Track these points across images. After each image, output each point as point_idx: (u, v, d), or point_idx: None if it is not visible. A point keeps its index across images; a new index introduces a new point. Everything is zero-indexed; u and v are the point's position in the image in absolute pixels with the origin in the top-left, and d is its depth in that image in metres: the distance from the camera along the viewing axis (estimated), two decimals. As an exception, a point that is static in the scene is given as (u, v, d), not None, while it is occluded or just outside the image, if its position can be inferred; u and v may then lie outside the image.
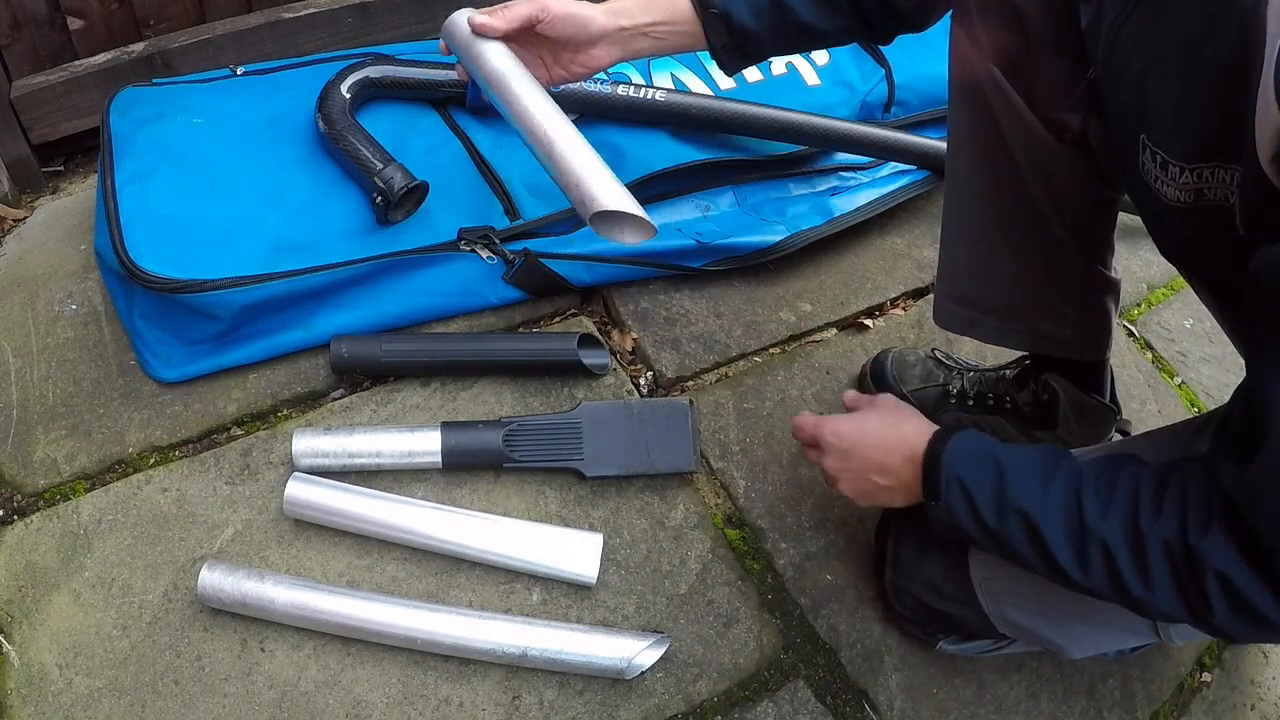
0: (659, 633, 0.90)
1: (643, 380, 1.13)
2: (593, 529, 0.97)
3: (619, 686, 0.88)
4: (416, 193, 1.09)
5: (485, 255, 1.10)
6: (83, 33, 1.24)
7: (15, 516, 0.94)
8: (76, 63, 1.24)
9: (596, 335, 1.14)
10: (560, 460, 0.99)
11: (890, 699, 0.92)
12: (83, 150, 1.35)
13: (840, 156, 1.35)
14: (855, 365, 1.18)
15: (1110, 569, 0.64)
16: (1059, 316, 0.97)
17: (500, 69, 0.90)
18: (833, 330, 1.24)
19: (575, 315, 1.18)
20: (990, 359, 1.20)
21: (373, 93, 1.20)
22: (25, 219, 1.25)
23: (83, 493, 0.96)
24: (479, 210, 1.14)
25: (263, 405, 1.04)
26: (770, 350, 1.20)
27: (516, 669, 0.88)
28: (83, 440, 0.99)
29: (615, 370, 1.12)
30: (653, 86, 1.23)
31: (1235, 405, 0.63)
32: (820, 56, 1.39)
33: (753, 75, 1.35)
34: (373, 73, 1.18)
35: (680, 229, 1.21)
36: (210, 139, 1.13)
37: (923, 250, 1.34)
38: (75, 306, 1.10)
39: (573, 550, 0.93)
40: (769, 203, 1.29)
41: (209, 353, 1.04)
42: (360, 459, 0.97)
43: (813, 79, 1.37)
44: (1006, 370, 1.10)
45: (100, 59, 1.25)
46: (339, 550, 0.93)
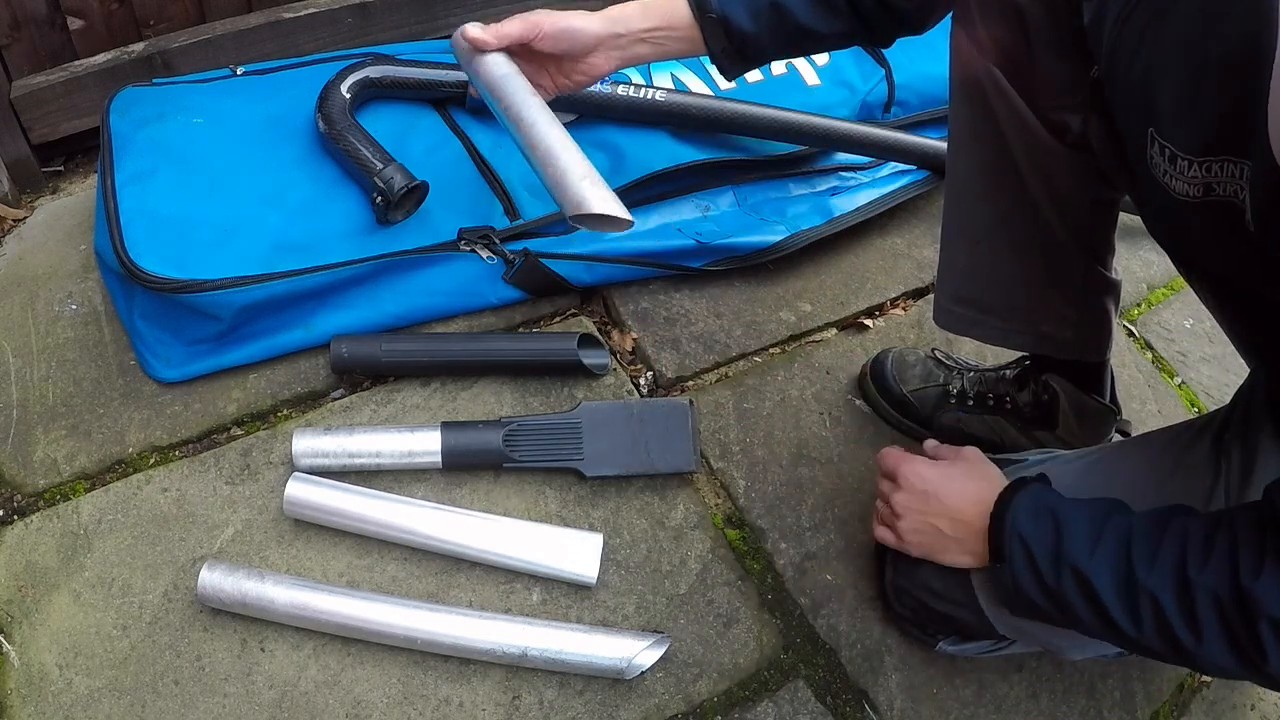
0: (659, 633, 0.90)
1: (643, 380, 1.13)
2: (593, 529, 0.98)
3: (619, 686, 0.89)
4: (416, 193, 1.09)
5: (485, 255, 1.10)
6: (83, 33, 1.24)
7: (15, 516, 0.94)
8: (76, 63, 1.24)
9: (596, 335, 1.14)
10: (560, 460, 0.99)
11: (890, 699, 0.92)
12: (83, 150, 1.35)
13: (840, 156, 1.35)
14: (855, 365, 1.18)
15: (1160, 622, 0.63)
16: (1060, 317, 0.97)
17: (495, 76, 0.92)
18: (833, 330, 1.24)
19: (575, 315, 1.18)
20: (990, 359, 1.20)
21: (373, 93, 1.20)
22: (25, 219, 1.25)
23: (83, 493, 0.96)
24: (479, 210, 1.14)
25: (263, 405, 1.04)
26: (770, 350, 1.20)
27: (516, 669, 0.88)
28: (83, 440, 0.99)
29: (615, 370, 1.12)
30: (653, 86, 1.23)
31: (1233, 411, 0.62)
32: (820, 57, 1.39)
33: (753, 75, 1.34)
34: (373, 73, 1.18)
35: (680, 229, 1.21)
36: (210, 139, 1.13)
37: (923, 250, 1.34)
38: (75, 306, 1.10)
39: (573, 550, 0.93)
40: (769, 203, 1.29)
41: (209, 353, 1.04)
42: (360, 459, 0.97)
43: (813, 79, 1.37)
44: (1006, 370, 1.10)
45: (100, 59, 1.24)
46: (339, 550, 0.93)
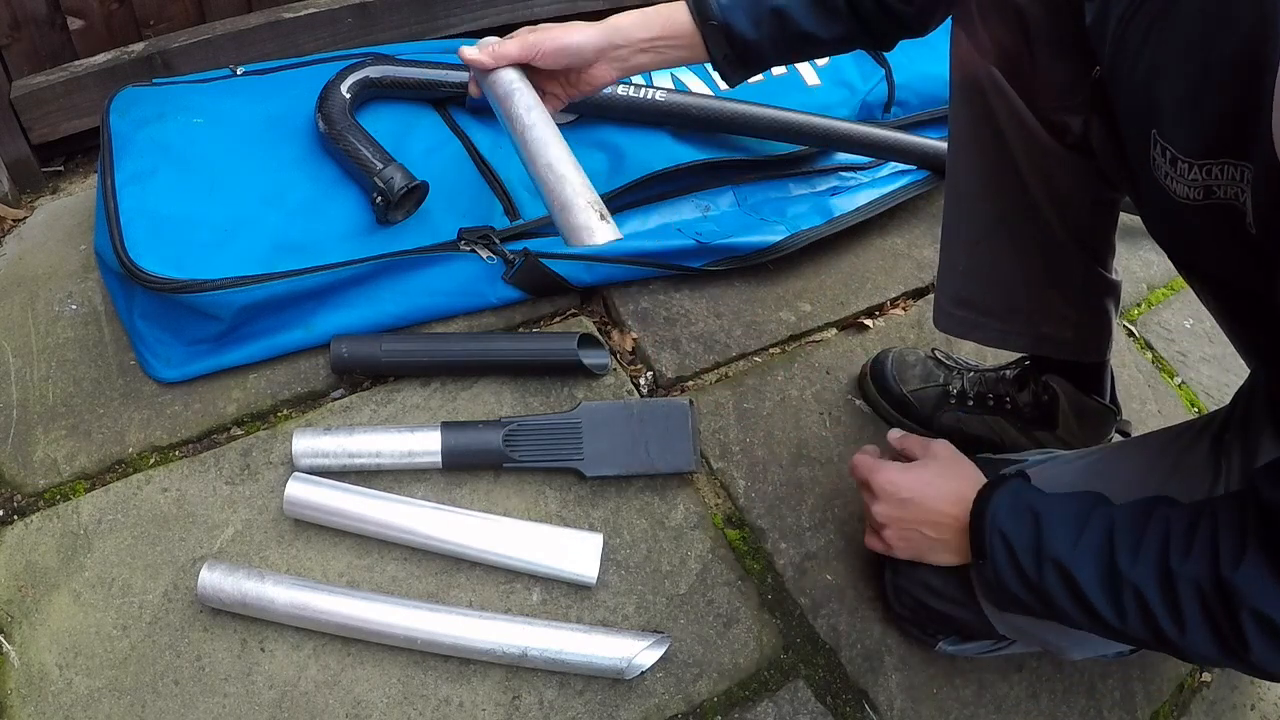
0: (659, 633, 0.90)
1: (643, 380, 1.13)
2: (593, 529, 0.98)
3: (619, 686, 0.89)
4: (416, 193, 1.09)
5: (485, 255, 1.10)
6: (83, 33, 1.24)
7: (15, 516, 0.94)
8: (76, 63, 1.24)
9: (596, 335, 1.14)
10: (560, 460, 0.99)
11: (890, 699, 0.92)
12: (83, 150, 1.35)
13: (840, 156, 1.35)
14: (855, 365, 1.18)
15: (1144, 613, 0.63)
16: (1060, 318, 0.97)
17: (500, 92, 0.93)
18: (833, 330, 1.24)
19: (575, 315, 1.18)
20: (990, 359, 1.20)
21: (373, 93, 1.20)
22: (25, 219, 1.25)
23: (83, 493, 0.96)
24: (479, 210, 1.14)
25: (263, 405, 1.04)
26: (770, 350, 1.20)
27: (516, 669, 0.88)
28: (83, 440, 0.99)
29: (615, 370, 1.12)
30: (653, 86, 1.23)
31: (1233, 411, 0.62)
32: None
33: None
34: (373, 73, 1.18)
35: (680, 229, 1.21)
36: (210, 139, 1.13)
37: (923, 250, 1.34)
38: (75, 306, 1.10)
39: (573, 550, 0.93)
40: (769, 203, 1.29)
41: (209, 353, 1.04)
42: (360, 459, 0.97)
43: (813, 79, 1.37)
44: (1006, 370, 1.10)
45: (100, 59, 1.24)
46: (339, 550, 0.93)
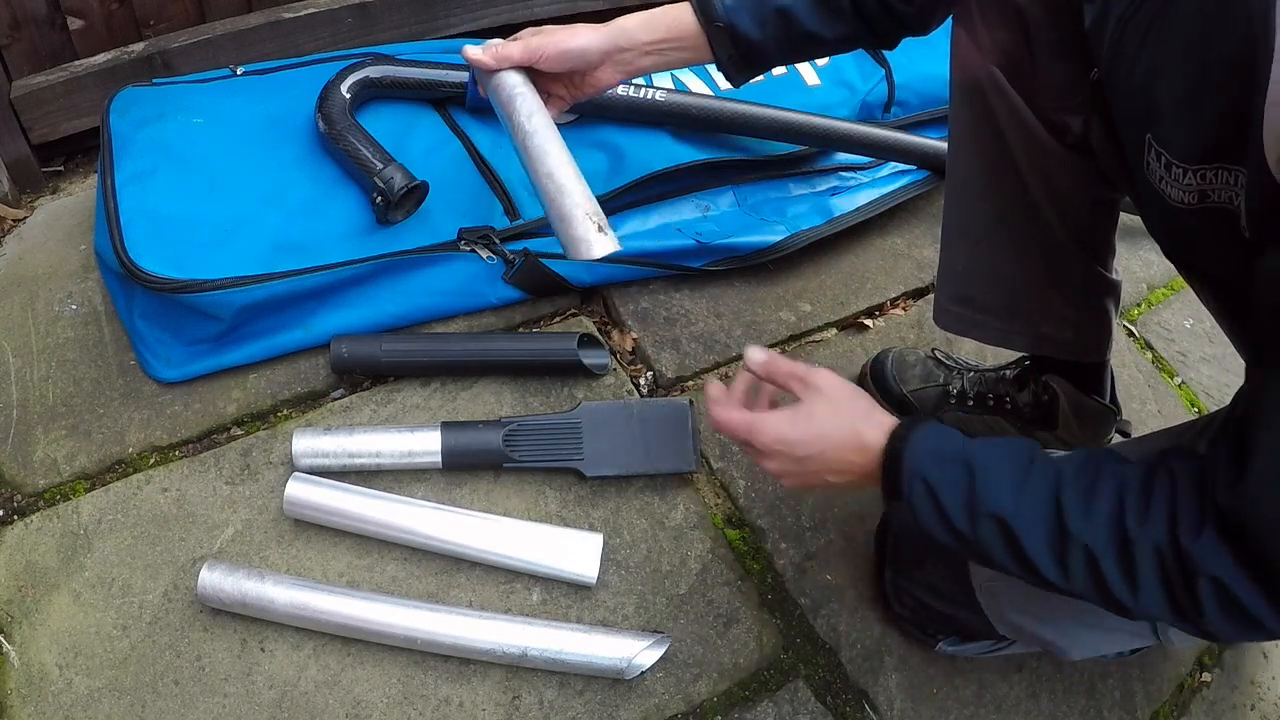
0: (659, 633, 0.90)
1: (643, 380, 1.13)
2: (593, 529, 0.97)
3: (619, 686, 0.89)
4: (416, 193, 1.09)
5: (485, 255, 1.10)
6: (83, 33, 1.24)
7: (15, 516, 0.94)
8: (76, 63, 1.24)
9: (596, 335, 1.14)
10: (560, 460, 0.99)
11: (890, 699, 0.92)
12: (83, 150, 1.35)
13: (840, 156, 1.35)
14: (855, 365, 1.18)
15: (1094, 573, 0.62)
16: (1060, 318, 0.97)
17: (503, 96, 0.92)
18: (833, 330, 1.24)
19: (575, 315, 1.18)
20: (990, 359, 1.20)
21: (373, 93, 1.20)
22: (25, 219, 1.25)
23: (83, 493, 0.96)
24: (479, 210, 1.14)
25: (263, 405, 1.04)
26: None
27: (516, 669, 0.88)
28: (83, 440, 0.99)
29: (615, 370, 1.12)
30: (653, 86, 1.23)
31: (1234, 411, 0.62)
32: (820, 57, 1.39)
33: (753, 75, 1.35)
34: (373, 73, 1.18)
35: (680, 229, 1.21)
36: (210, 139, 1.13)
37: (923, 250, 1.34)
38: (75, 306, 1.10)
39: (573, 550, 0.93)
40: (769, 203, 1.29)
41: (209, 353, 1.04)
42: (360, 459, 0.97)
43: (813, 79, 1.37)
44: (1006, 370, 1.10)
45: (100, 59, 1.24)
46: (339, 550, 0.93)
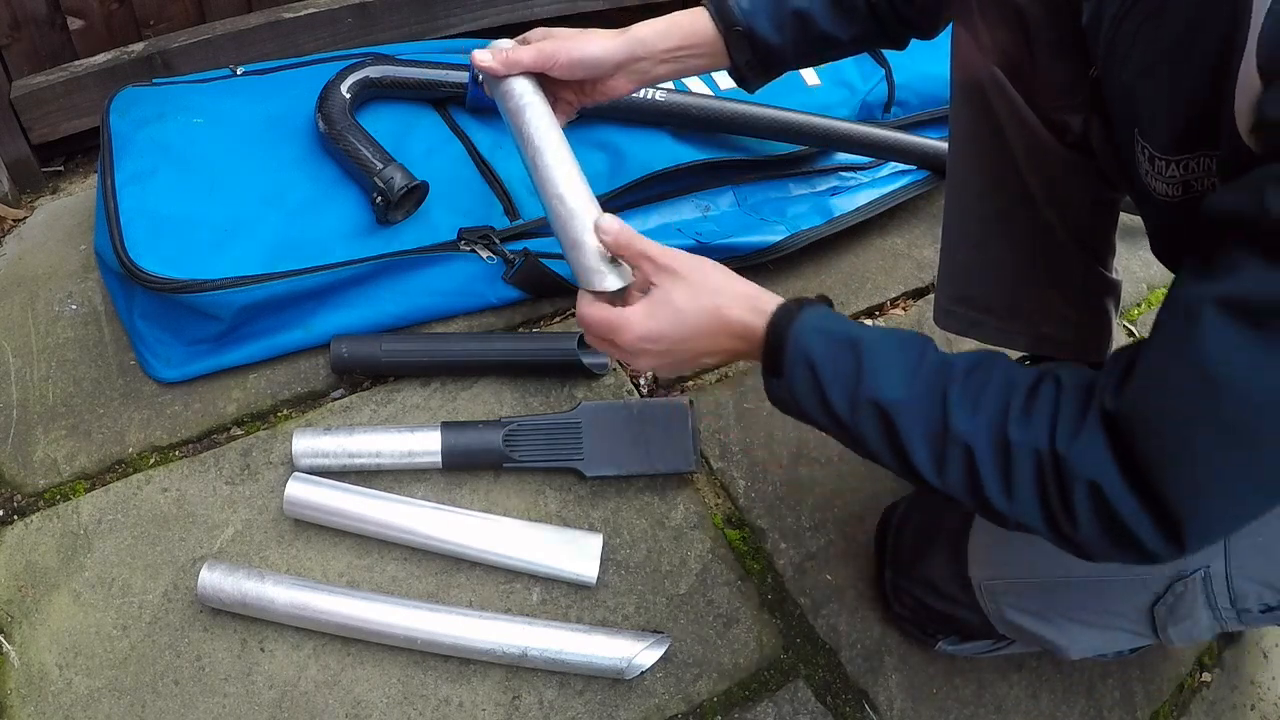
0: (659, 633, 0.90)
1: (643, 380, 1.13)
2: (593, 529, 0.97)
3: (619, 686, 0.89)
4: (416, 193, 1.09)
5: (485, 255, 1.10)
6: (83, 33, 1.24)
7: (15, 516, 0.94)
8: (76, 63, 1.24)
9: (596, 335, 1.14)
10: (560, 460, 0.99)
11: (890, 699, 0.92)
12: (83, 150, 1.35)
13: (840, 156, 1.35)
14: (855, 365, 1.18)
15: (970, 473, 0.61)
16: (1060, 318, 0.97)
17: (512, 106, 0.88)
18: (833, 330, 1.24)
19: (575, 315, 1.18)
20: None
21: (373, 93, 1.20)
22: (25, 219, 1.25)
23: (83, 493, 0.96)
24: (479, 210, 1.14)
25: (263, 405, 1.04)
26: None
27: (516, 669, 0.88)
28: (83, 440, 0.99)
29: (615, 370, 1.12)
30: (653, 86, 1.23)
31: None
32: (820, 57, 1.39)
33: (753, 75, 1.35)
34: (373, 73, 1.18)
35: (680, 229, 1.21)
36: (210, 139, 1.13)
37: (923, 250, 1.34)
38: (75, 306, 1.10)
39: (573, 550, 0.93)
40: (769, 203, 1.29)
41: (209, 353, 1.04)
42: (360, 459, 0.97)
43: (813, 79, 1.37)
44: (1006, 370, 1.10)
45: (100, 59, 1.24)
46: (339, 550, 0.93)
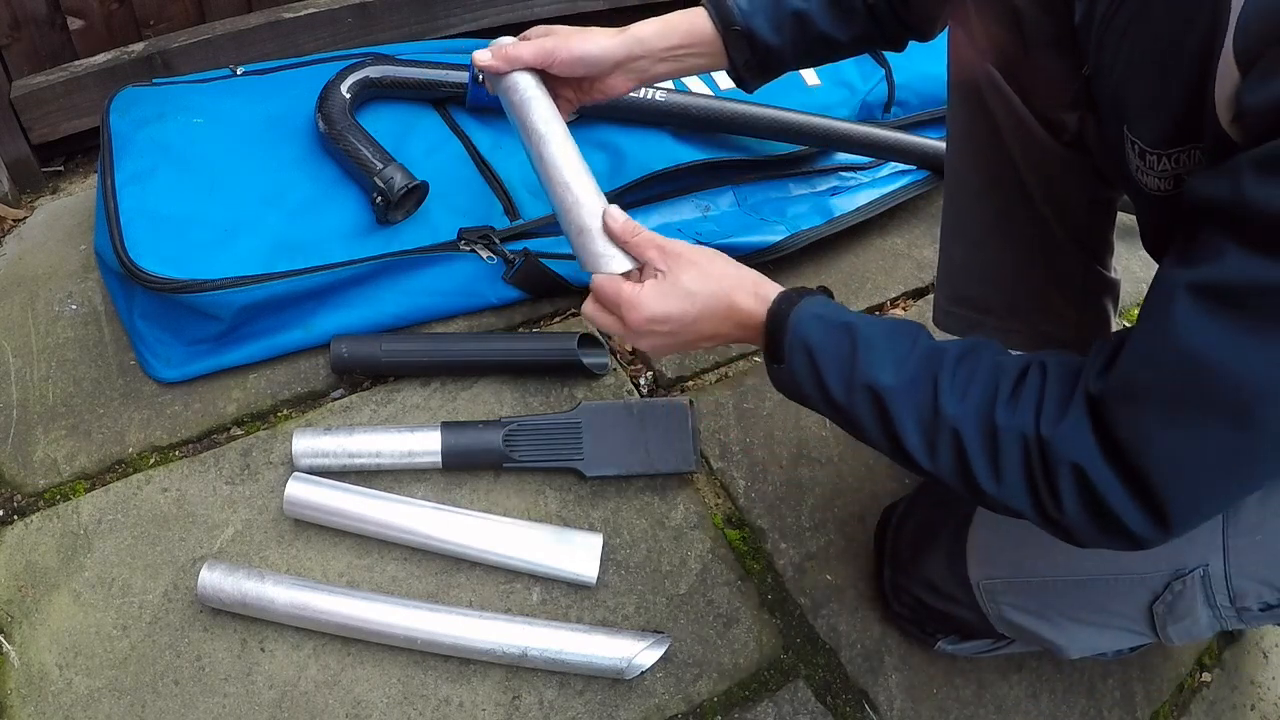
0: (659, 633, 0.90)
1: (643, 380, 1.13)
2: (593, 529, 0.98)
3: (619, 686, 0.89)
4: (416, 193, 1.09)
5: (485, 255, 1.10)
6: (83, 33, 1.24)
7: (15, 516, 0.94)
8: (76, 63, 1.24)
9: (596, 335, 1.14)
10: (560, 460, 0.99)
11: (890, 699, 0.92)
12: (83, 150, 1.35)
13: (840, 156, 1.35)
14: (855, 365, 1.18)
15: (960, 458, 0.62)
16: (1059, 317, 0.97)
17: (515, 100, 0.90)
18: (833, 330, 1.24)
19: (575, 315, 1.18)
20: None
21: (373, 93, 1.20)
22: (25, 219, 1.25)
23: (83, 493, 0.96)
24: (479, 210, 1.14)
25: (263, 405, 1.04)
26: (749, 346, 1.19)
27: (516, 669, 0.88)
28: (83, 440, 0.99)
29: (615, 370, 1.12)
30: (653, 86, 1.23)
31: None
32: (820, 57, 1.39)
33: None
34: (373, 73, 1.18)
35: (680, 229, 1.21)
36: (210, 139, 1.13)
37: (923, 250, 1.34)
38: (75, 306, 1.10)
39: (573, 550, 0.93)
40: (769, 203, 1.29)
41: (209, 353, 1.04)
42: (360, 459, 0.97)
43: (812, 79, 1.37)
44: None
45: (100, 59, 1.25)
46: (339, 550, 0.94)
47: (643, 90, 1.22)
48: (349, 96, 1.14)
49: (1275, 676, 1.03)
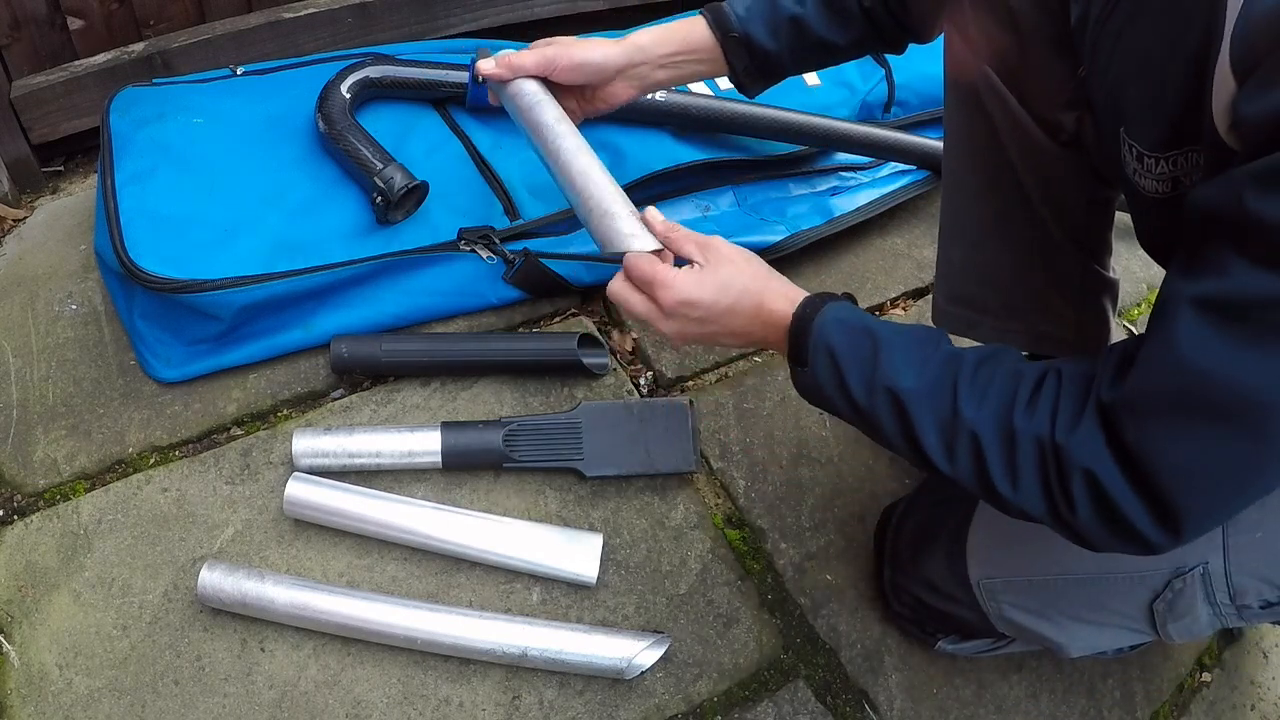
0: (659, 633, 0.90)
1: (643, 380, 1.13)
2: (593, 529, 0.98)
3: (619, 686, 0.89)
4: (416, 193, 1.09)
5: (485, 255, 1.10)
6: (83, 33, 1.24)
7: (15, 516, 0.94)
8: (76, 63, 1.24)
9: (596, 335, 1.14)
10: (560, 460, 0.99)
11: (890, 699, 0.92)
12: (83, 150, 1.35)
13: (840, 156, 1.35)
14: (855, 365, 1.18)
15: (977, 461, 0.63)
16: (1058, 317, 0.97)
17: (521, 105, 0.91)
18: (832, 330, 1.24)
19: (575, 315, 1.18)
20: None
21: (373, 93, 1.20)
22: (25, 219, 1.25)
23: (83, 493, 0.96)
24: (479, 210, 1.14)
25: (263, 405, 1.04)
26: (771, 350, 1.20)
27: (516, 669, 0.88)
28: (83, 440, 0.99)
29: (615, 370, 1.12)
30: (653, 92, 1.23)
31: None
32: (820, 56, 1.39)
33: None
34: (373, 73, 1.18)
35: (680, 229, 1.21)
36: (210, 139, 1.13)
37: (923, 250, 1.34)
38: (75, 306, 1.10)
39: (573, 550, 0.93)
40: (769, 203, 1.30)
41: (209, 353, 1.04)
42: (360, 459, 0.97)
43: (812, 79, 1.37)
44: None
45: (100, 59, 1.25)
46: (339, 550, 0.93)
47: (643, 91, 1.22)
48: (349, 96, 1.14)
49: (1275, 676, 1.03)
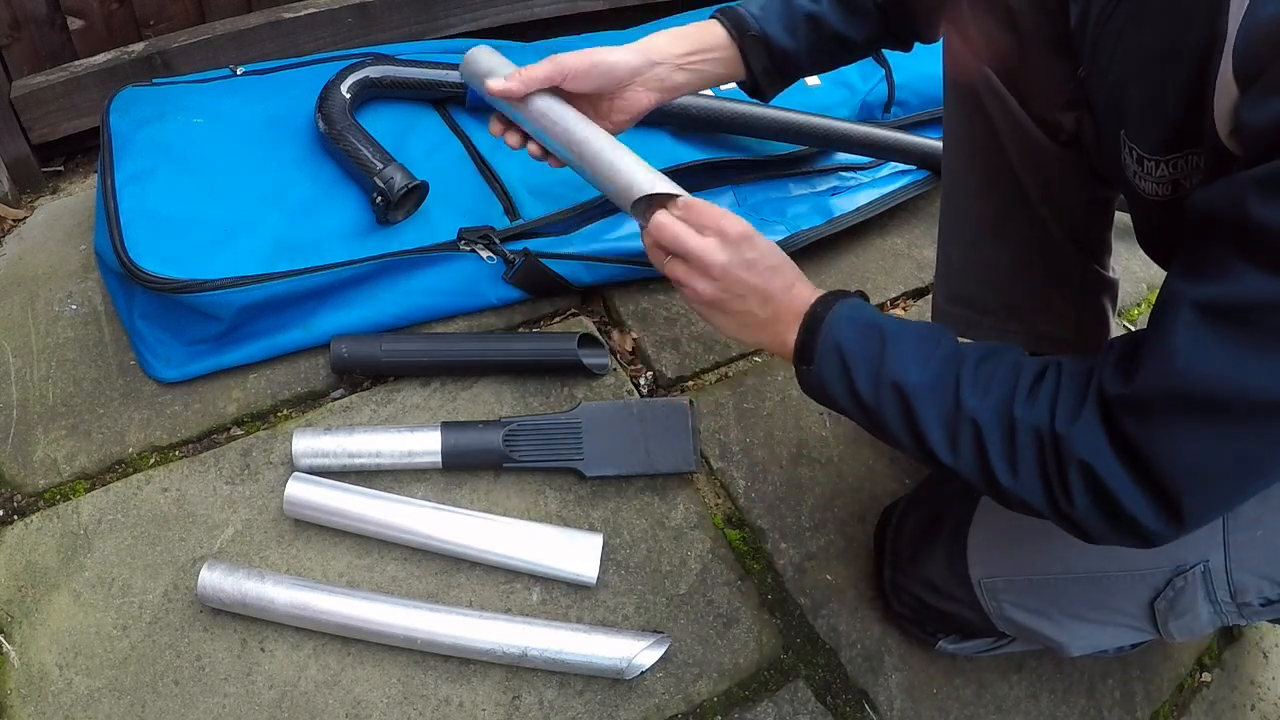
0: (659, 633, 0.90)
1: (643, 380, 1.13)
2: (593, 529, 0.98)
3: (619, 686, 0.89)
4: (416, 193, 1.09)
5: (485, 255, 1.10)
6: (83, 33, 1.24)
7: (15, 516, 0.94)
8: (76, 63, 1.24)
9: (596, 335, 1.14)
10: (560, 460, 0.99)
11: (890, 699, 0.92)
12: (83, 150, 1.35)
13: (840, 156, 1.35)
14: (855, 365, 1.18)
15: (979, 452, 0.63)
16: (1058, 317, 0.97)
17: (535, 113, 0.87)
18: (832, 330, 1.24)
19: (575, 315, 1.18)
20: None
21: (373, 93, 1.20)
22: (25, 219, 1.25)
23: (83, 493, 0.96)
24: (479, 210, 1.14)
25: (263, 405, 1.04)
26: (768, 344, 1.19)
27: (516, 669, 0.88)
28: (83, 440, 0.99)
29: (615, 370, 1.12)
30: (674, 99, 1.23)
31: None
32: (820, 56, 1.39)
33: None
34: (373, 73, 1.18)
35: (680, 229, 1.20)
36: (210, 139, 1.13)
37: (923, 250, 1.34)
38: (75, 306, 1.10)
39: (573, 550, 0.93)
40: (769, 203, 1.30)
41: (209, 353, 1.04)
42: (360, 459, 0.97)
43: (812, 79, 1.37)
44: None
45: (100, 59, 1.25)
46: (339, 550, 0.93)
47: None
48: (349, 96, 1.15)
49: (1275, 676, 1.03)
